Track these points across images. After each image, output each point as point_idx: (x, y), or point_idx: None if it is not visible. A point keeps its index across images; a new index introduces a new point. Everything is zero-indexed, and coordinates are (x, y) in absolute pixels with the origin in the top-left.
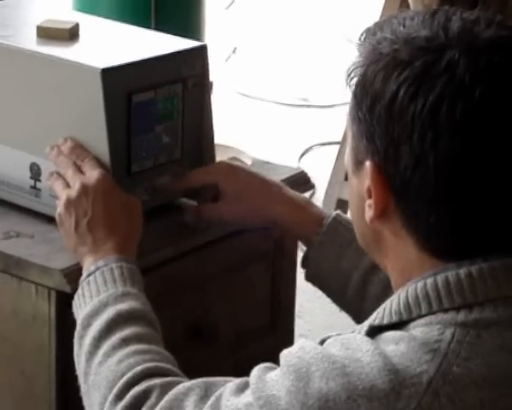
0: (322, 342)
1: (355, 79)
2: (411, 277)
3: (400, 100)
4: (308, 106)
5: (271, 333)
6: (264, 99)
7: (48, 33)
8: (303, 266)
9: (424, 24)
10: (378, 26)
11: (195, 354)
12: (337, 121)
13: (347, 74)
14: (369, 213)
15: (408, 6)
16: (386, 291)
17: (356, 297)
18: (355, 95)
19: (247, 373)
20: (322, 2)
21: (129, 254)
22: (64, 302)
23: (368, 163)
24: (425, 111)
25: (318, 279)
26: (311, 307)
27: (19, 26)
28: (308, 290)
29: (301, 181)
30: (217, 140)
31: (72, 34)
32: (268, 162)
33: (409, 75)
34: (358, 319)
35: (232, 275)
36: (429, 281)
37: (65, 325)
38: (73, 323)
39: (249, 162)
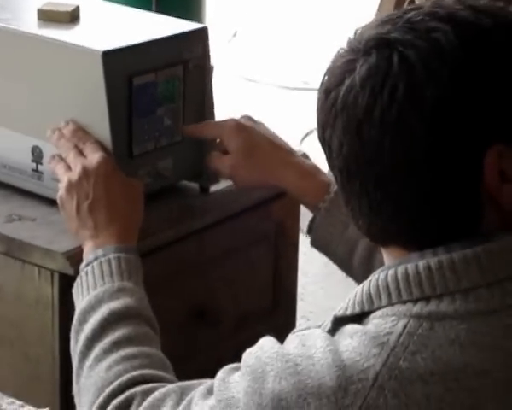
0: (292, 334)
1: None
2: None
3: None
4: (309, 89)
5: (273, 315)
6: (265, 82)
7: (48, 16)
8: (309, 232)
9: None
10: (358, 33)
11: (198, 337)
12: None
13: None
14: None
15: (403, 3)
16: None
17: (362, 267)
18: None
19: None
20: None
21: (130, 239)
22: (67, 285)
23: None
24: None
25: (324, 246)
26: (314, 289)
27: (19, 9)
28: (310, 273)
29: None
30: None
31: (72, 17)
32: None
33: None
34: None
35: (234, 257)
36: (390, 272)
37: (68, 307)
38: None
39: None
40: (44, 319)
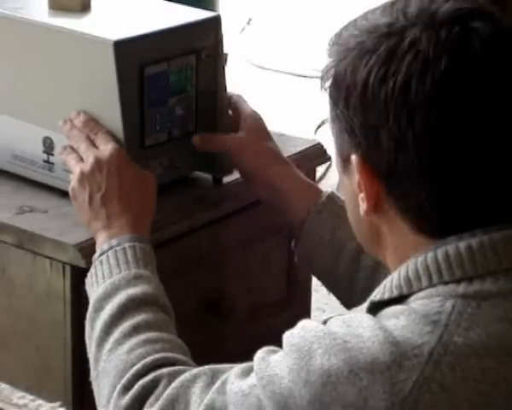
0: (324, 323)
1: (328, 81)
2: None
3: (371, 86)
4: None
5: (288, 307)
6: (279, 70)
7: (59, 5)
8: (296, 242)
9: (384, 13)
10: (342, 28)
11: (211, 328)
12: None
13: (321, 79)
14: (363, 207)
15: None
16: (381, 264)
17: (349, 270)
18: (330, 95)
19: (264, 347)
20: None
21: (143, 230)
22: (79, 277)
23: (353, 157)
24: (396, 92)
25: (312, 252)
26: None
27: None
28: None
29: (318, 153)
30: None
31: (84, 6)
32: (283, 134)
33: (375, 61)
34: (350, 296)
35: (248, 249)
36: (429, 255)
37: (80, 299)
38: (88, 298)
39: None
40: (56, 312)
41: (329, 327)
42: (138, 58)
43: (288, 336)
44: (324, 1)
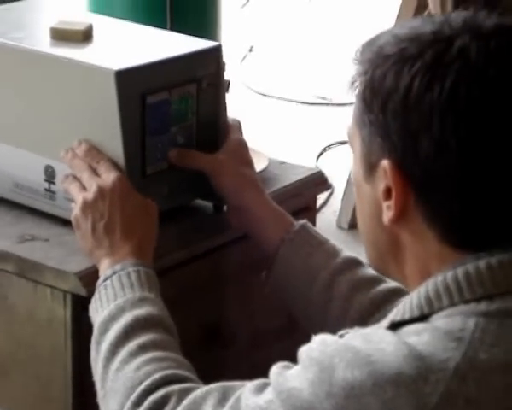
0: (340, 337)
1: (360, 87)
2: (431, 273)
3: (416, 91)
4: (326, 104)
5: (289, 335)
6: (281, 98)
7: (61, 35)
8: (269, 268)
9: (425, 23)
10: (374, 36)
11: (212, 356)
12: None
13: (351, 84)
14: (388, 215)
15: (424, 9)
16: (354, 291)
17: (322, 297)
18: (363, 100)
19: (264, 375)
20: (338, 0)
21: (145, 257)
22: (79, 305)
23: (385, 162)
24: (443, 98)
25: (284, 280)
26: None
27: (32, 28)
28: None
29: (319, 181)
30: None
31: (85, 36)
32: (284, 162)
33: (421, 66)
34: (322, 325)
35: (248, 277)
36: (449, 274)
37: (81, 328)
38: (89, 326)
39: (265, 162)
40: (57, 340)
41: (350, 341)
42: (140, 87)
43: (307, 351)
44: (326, 29)
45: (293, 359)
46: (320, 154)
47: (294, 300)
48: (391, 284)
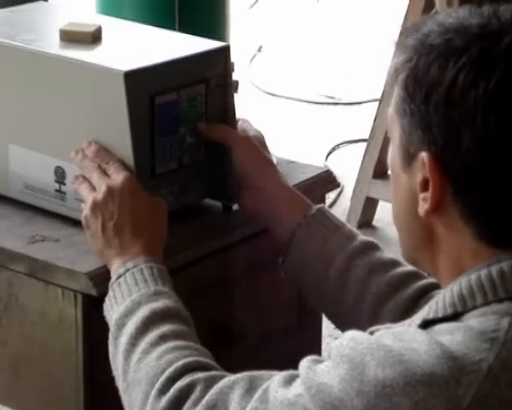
0: (370, 333)
1: (404, 73)
2: (464, 268)
3: (460, 86)
4: (334, 103)
5: (299, 333)
6: (289, 97)
7: (71, 37)
8: (284, 256)
9: (473, 14)
10: (420, 23)
11: (221, 355)
12: (364, 119)
13: (394, 70)
14: (424, 207)
15: (431, 9)
16: (371, 274)
17: (338, 281)
18: (405, 88)
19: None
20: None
21: (156, 255)
22: (90, 305)
23: (424, 154)
24: (488, 94)
25: (301, 265)
26: None
27: (42, 30)
28: None
29: (327, 180)
30: None
31: (94, 37)
32: (293, 161)
33: (467, 61)
34: (338, 309)
35: (257, 276)
36: (483, 272)
37: (91, 327)
38: (100, 325)
39: (274, 162)
40: (68, 340)
41: (381, 340)
42: (148, 88)
43: (338, 347)
44: (334, 29)
45: (303, 357)
46: (329, 153)
47: (310, 284)
48: (407, 267)
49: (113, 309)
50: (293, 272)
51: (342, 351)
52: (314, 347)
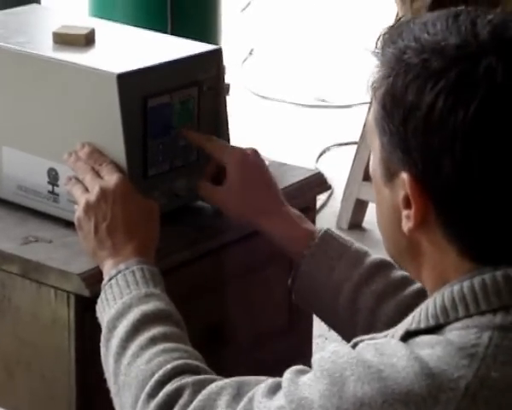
0: (354, 346)
1: (381, 89)
2: (448, 280)
3: (439, 111)
4: (325, 106)
5: (290, 335)
6: (280, 100)
7: (64, 39)
8: (293, 283)
9: (450, 30)
10: (396, 32)
11: (213, 356)
12: (354, 121)
13: (371, 84)
14: (407, 224)
15: (424, 12)
16: (379, 302)
17: (347, 311)
18: (384, 106)
19: (265, 375)
20: (338, 3)
21: (148, 256)
22: (83, 306)
23: (405, 175)
24: (467, 121)
25: (309, 294)
26: None
27: (35, 33)
28: None
29: (318, 182)
30: (233, 142)
31: (87, 40)
32: (284, 164)
33: (445, 85)
34: (350, 335)
35: (250, 277)
36: (466, 284)
37: (84, 328)
38: (92, 326)
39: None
40: (61, 341)
41: (362, 354)
42: (141, 90)
43: (319, 360)
44: (326, 32)
45: (294, 357)
46: (320, 155)
47: (321, 310)
48: (416, 285)
49: (104, 311)
50: (301, 299)
51: (324, 365)
52: (305, 347)
